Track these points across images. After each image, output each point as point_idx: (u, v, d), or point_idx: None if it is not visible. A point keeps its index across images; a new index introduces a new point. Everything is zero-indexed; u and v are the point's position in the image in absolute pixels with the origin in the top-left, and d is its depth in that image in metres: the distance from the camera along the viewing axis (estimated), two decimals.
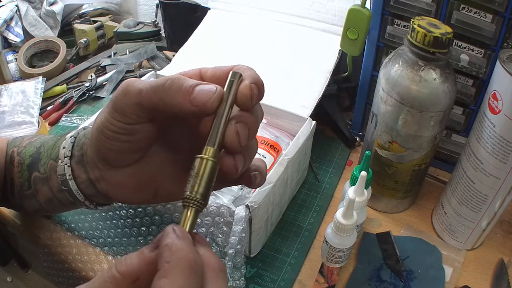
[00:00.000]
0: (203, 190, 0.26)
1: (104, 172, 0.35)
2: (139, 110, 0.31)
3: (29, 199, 0.43)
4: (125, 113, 0.31)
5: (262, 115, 0.32)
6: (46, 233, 0.59)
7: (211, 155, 0.27)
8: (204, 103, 0.28)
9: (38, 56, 0.94)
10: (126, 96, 0.31)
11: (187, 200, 0.26)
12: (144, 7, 1.14)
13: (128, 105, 0.31)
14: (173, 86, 0.29)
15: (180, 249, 0.23)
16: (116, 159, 0.34)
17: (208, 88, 0.28)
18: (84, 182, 0.38)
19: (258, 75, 0.30)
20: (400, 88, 0.50)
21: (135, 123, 0.31)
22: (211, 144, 0.27)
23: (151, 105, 0.30)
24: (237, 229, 0.49)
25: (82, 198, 0.39)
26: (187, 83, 0.29)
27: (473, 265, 0.56)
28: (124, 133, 0.32)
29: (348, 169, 0.70)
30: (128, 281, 0.24)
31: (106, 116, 0.32)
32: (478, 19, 0.51)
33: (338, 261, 0.51)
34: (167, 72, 0.72)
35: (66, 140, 0.39)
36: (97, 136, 0.33)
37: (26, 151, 0.44)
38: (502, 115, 0.44)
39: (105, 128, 0.32)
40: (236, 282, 0.52)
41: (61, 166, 0.38)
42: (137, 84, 0.31)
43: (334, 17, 0.70)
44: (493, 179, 0.48)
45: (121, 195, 0.36)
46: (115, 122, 0.31)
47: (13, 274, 1.09)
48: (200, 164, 0.27)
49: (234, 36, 0.76)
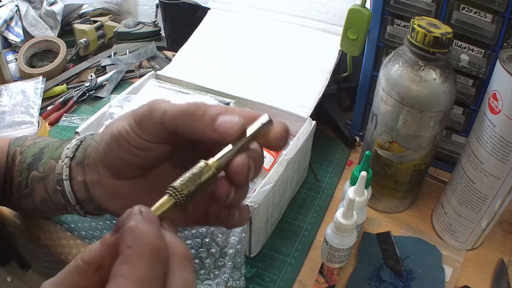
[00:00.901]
0: (191, 191, 0.26)
1: (102, 177, 0.35)
2: (161, 131, 0.30)
3: (25, 198, 0.43)
4: (147, 129, 0.31)
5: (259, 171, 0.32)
6: (46, 233, 0.59)
7: (215, 166, 0.27)
8: (226, 130, 0.28)
9: (38, 56, 0.94)
10: (151, 114, 0.30)
11: (173, 189, 0.26)
12: (144, 7, 1.14)
13: (151, 123, 0.30)
14: (198, 111, 0.29)
15: (144, 234, 0.22)
16: (120, 169, 0.34)
17: (232, 118, 0.28)
18: (78, 184, 0.37)
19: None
20: (400, 88, 0.50)
21: (154, 142, 0.31)
22: (218, 158, 0.28)
23: (173, 127, 0.30)
24: (237, 229, 0.49)
25: (73, 202, 0.38)
26: (212, 110, 0.29)
27: (473, 265, 0.56)
28: (139, 148, 0.31)
29: (348, 169, 0.70)
30: (92, 268, 0.23)
31: (125, 126, 0.32)
32: (478, 19, 0.51)
33: (338, 261, 0.51)
34: (167, 72, 0.72)
35: (71, 142, 0.39)
36: (109, 142, 0.33)
37: (29, 151, 0.44)
38: (502, 115, 0.44)
39: (122, 137, 0.32)
40: (236, 282, 0.52)
41: (60, 165, 0.38)
42: (164, 104, 0.30)
43: (334, 17, 0.70)
44: (493, 179, 0.48)
45: (112, 204, 0.36)
46: (133, 135, 0.31)
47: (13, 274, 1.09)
48: (202, 168, 0.27)
49: (234, 36, 0.76)
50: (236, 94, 0.66)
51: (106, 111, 0.63)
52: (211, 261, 0.52)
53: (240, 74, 0.70)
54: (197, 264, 0.53)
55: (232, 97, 0.66)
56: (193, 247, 0.53)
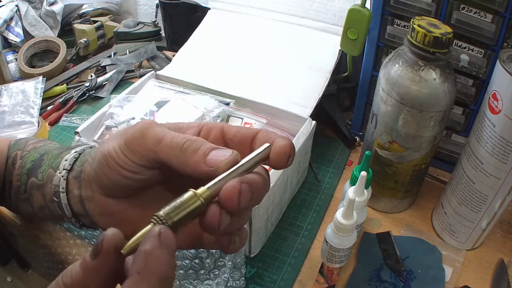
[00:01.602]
0: (176, 221, 0.25)
1: (95, 194, 0.35)
2: (153, 159, 0.30)
3: (24, 203, 0.43)
4: (137, 153, 0.30)
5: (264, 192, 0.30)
6: (46, 233, 0.59)
7: (204, 196, 0.26)
8: (217, 163, 0.27)
9: (38, 56, 0.94)
10: (144, 139, 0.30)
11: (157, 218, 0.24)
12: (144, 7, 1.14)
13: (142, 148, 0.30)
14: (191, 147, 0.28)
15: (156, 263, 0.22)
16: (111, 189, 0.33)
17: (224, 152, 0.28)
18: (75, 197, 0.37)
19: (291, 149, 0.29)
20: (400, 88, 0.50)
21: (143, 166, 0.31)
22: (208, 187, 0.26)
23: (167, 159, 0.29)
24: None
25: (69, 214, 0.38)
26: (205, 146, 0.28)
27: (473, 265, 0.56)
28: (129, 170, 0.31)
29: (348, 169, 0.70)
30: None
31: (116, 147, 0.31)
32: (478, 19, 0.51)
33: (338, 261, 0.51)
34: (167, 72, 0.72)
35: (70, 153, 0.39)
36: (100, 161, 0.32)
37: (29, 156, 0.44)
38: (502, 115, 0.44)
39: (112, 158, 0.31)
40: (236, 282, 0.52)
41: (57, 177, 0.38)
42: (158, 131, 0.30)
43: (334, 17, 0.70)
44: (493, 179, 0.48)
45: (104, 221, 0.35)
46: (122, 157, 0.31)
47: (13, 274, 1.09)
48: (190, 198, 0.26)
49: (234, 36, 0.76)
50: (236, 94, 0.66)
51: (106, 111, 0.63)
52: (211, 261, 0.52)
53: (240, 74, 0.70)
54: (197, 264, 0.53)
55: (232, 97, 0.66)
56: None
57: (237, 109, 0.65)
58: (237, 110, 0.65)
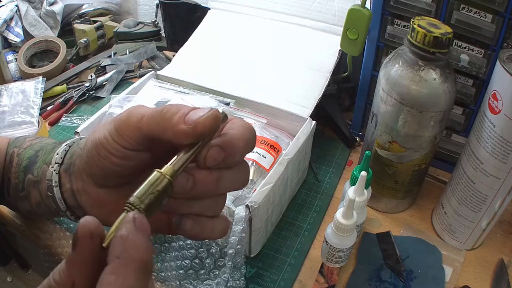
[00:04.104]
0: (147, 202, 0.25)
1: (86, 186, 0.34)
2: (138, 136, 0.30)
3: (22, 201, 0.43)
4: (125, 136, 0.30)
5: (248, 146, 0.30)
6: (46, 233, 0.60)
7: (169, 174, 0.26)
8: (195, 120, 0.27)
9: (38, 56, 0.94)
10: (129, 119, 0.30)
11: (129, 205, 0.25)
12: (144, 7, 1.14)
13: (129, 128, 0.30)
14: (170, 111, 0.29)
15: (134, 246, 0.22)
16: (102, 178, 0.33)
17: (202, 110, 0.28)
18: (67, 191, 0.37)
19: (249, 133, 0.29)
20: (400, 88, 0.50)
21: (132, 149, 0.31)
22: (172, 164, 0.27)
23: (149, 131, 0.29)
24: (237, 229, 0.49)
25: (64, 208, 0.38)
26: (185, 108, 0.29)
27: (473, 265, 0.56)
28: (119, 156, 0.31)
29: (348, 169, 0.70)
30: (66, 287, 0.23)
31: (105, 133, 0.31)
32: (478, 19, 0.51)
33: (338, 261, 0.51)
34: (167, 72, 0.72)
35: (61, 147, 0.39)
36: (90, 150, 0.32)
37: (25, 153, 0.44)
38: (502, 115, 0.44)
39: (101, 145, 0.31)
40: (236, 282, 0.52)
41: (50, 171, 0.38)
42: (142, 109, 0.30)
43: (334, 17, 0.70)
44: (493, 179, 0.48)
45: (97, 212, 0.35)
46: (112, 143, 0.31)
47: (13, 274, 1.09)
48: (156, 178, 0.26)
49: (234, 36, 0.76)
50: (236, 94, 0.66)
51: (106, 111, 0.63)
52: (211, 261, 0.52)
53: (240, 74, 0.70)
54: (197, 264, 0.53)
55: (232, 97, 0.66)
56: (193, 247, 0.53)
57: (237, 109, 0.65)
58: (237, 110, 0.65)
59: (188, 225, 0.30)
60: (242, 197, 0.55)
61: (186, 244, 0.53)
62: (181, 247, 0.53)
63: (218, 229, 0.32)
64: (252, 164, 0.56)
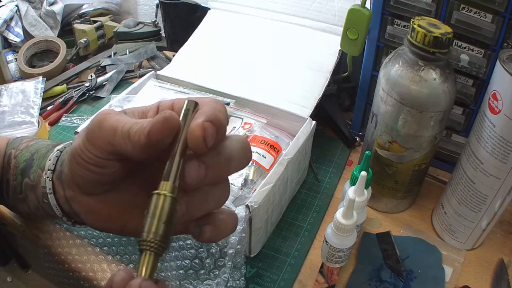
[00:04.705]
0: (162, 231, 0.24)
1: (76, 194, 0.34)
2: (112, 150, 0.29)
3: (21, 203, 0.43)
4: (98, 148, 0.30)
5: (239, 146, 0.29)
6: (46, 233, 0.59)
7: (168, 190, 0.25)
8: (148, 130, 0.26)
9: (38, 56, 0.94)
10: (101, 132, 0.29)
11: (143, 243, 0.24)
12: (144, 7, 1.14)
13: (102, 141, 0.29)
14: (135, 128, 0.28)
15: None
16: (86, 187, 0.33)
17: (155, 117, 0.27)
18: (62, 198, 0.37)
19: (219, 111, 0.28)
20: (400, 88, 0.50)
21: (107, 159, 0.30)
22: (166, 178, 0.25)
23: (122, 151, 0.29)
24: (237, 229, 0.49)
25: (60, 214, 0.38)
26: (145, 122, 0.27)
27: (473, 265, 0.56)
28: (94, 165, 0.30)
29: (348, 169, 0.70)
30: None
31: (80, 142, 0.31)
32: (478, 19, 0.51)
33: (338, 261, 0.51)
34: (167, 72, 0.72)
35: (53, 152, 0.38)
36: (70, 160, 0.32)
37: (22, 155, 0.44)
38: (502, 115, 0.44)
39: (77, 154, 0.31)
40: (236, 282, 0.52)
41: (44, 178, 0.37)
42: (113, 122, 0.29)
43: (334, 17, 0.70)
44: (493, 179, 0.48)
45: (91, 220, 0.35)
46: (87, 153, 0.30)
47: (13, 274, 1.09)
48: (157, 201, 0.24)
49: (234, 36, 0.76)
50: (236, 94, 0.66)
51: None
52: (211, 261, 0.52)
53: (240, 74, 0.70)
54: (197, 264, 0.53)
55: (232, 97, 0.66)
56: (193, 247, 0.53)
57: (237, 109, 0.65)
58: (237, 110, 0.65)
59: (208, 231, 0.30)
60: (242, 197, 0.55)
61: (186, 244, 0.53)
62: (181, 247, 0.53)
63: (229, 227, 0.32)
64: (252, 164, 0.56)
